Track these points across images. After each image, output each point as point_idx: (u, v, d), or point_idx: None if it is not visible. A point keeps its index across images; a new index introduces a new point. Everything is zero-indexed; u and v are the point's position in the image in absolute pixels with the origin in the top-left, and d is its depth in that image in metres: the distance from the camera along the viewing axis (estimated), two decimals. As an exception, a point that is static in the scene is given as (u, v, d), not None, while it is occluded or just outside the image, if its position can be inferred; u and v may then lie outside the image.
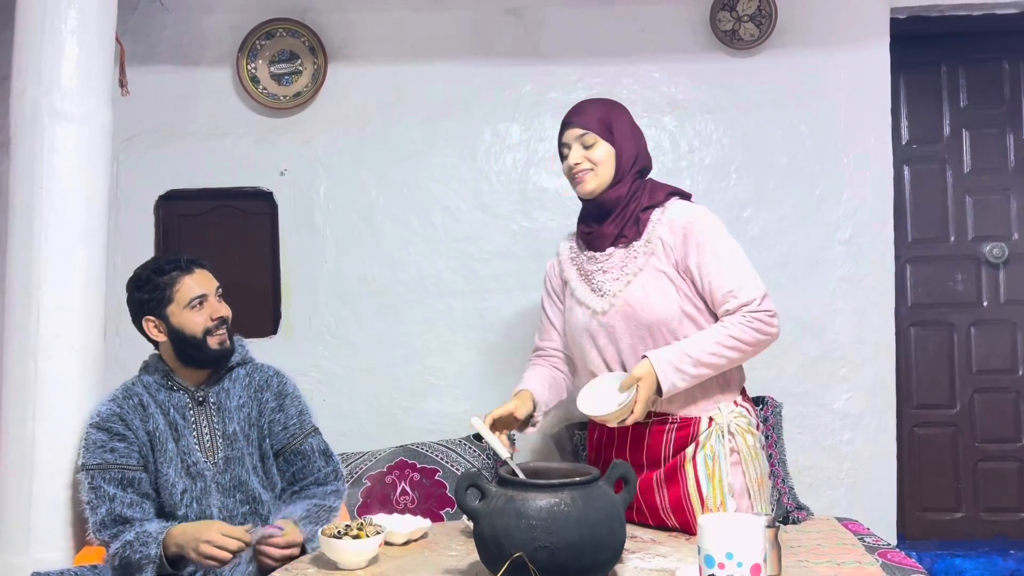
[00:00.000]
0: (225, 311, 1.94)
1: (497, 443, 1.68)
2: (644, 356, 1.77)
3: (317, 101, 2.94)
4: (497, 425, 1.81)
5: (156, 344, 1.98)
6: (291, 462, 2.00)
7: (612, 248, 1.90)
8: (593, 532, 1.40)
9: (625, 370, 1.86)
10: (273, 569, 1.74)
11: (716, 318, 1.85)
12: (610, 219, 1.90)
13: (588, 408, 1.74)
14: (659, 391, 1.74)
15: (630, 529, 1.80)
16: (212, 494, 1.88)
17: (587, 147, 1.89)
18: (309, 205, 2.95)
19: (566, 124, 1.95)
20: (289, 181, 2.95)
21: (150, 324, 1.93)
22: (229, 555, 1.67)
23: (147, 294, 1.91)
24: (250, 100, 2.93)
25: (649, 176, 1.98)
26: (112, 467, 1.84)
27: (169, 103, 2.94)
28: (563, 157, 1.96)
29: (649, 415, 1.81)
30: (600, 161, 1.89)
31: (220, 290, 1.98)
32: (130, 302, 1.95)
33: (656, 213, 1.89)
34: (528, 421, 1.91)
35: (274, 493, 1.98)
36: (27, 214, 1.98)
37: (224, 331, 1.93)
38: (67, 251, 1.99)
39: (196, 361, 1.93)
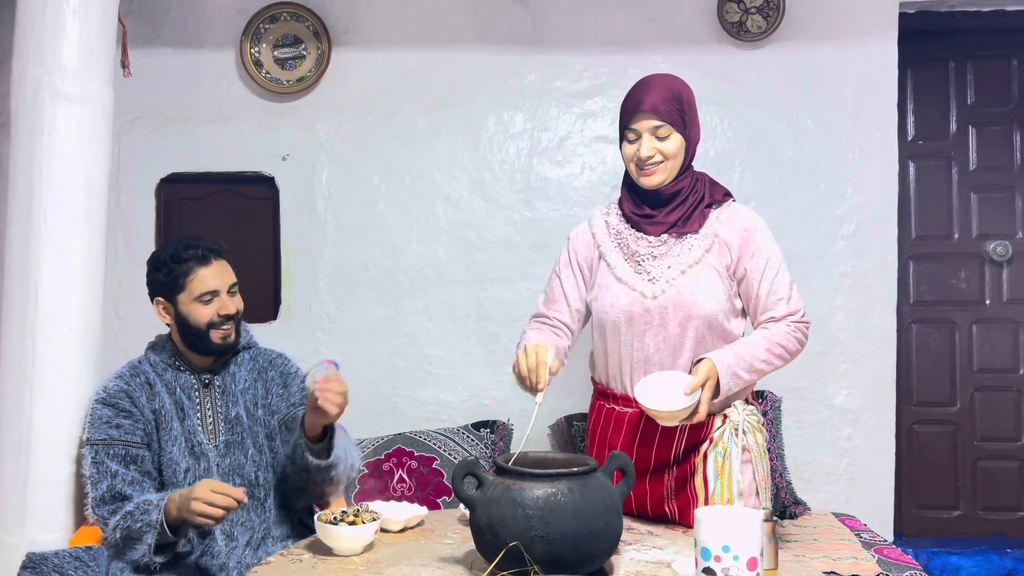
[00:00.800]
0: (234, 308, 1.92)
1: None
2: (702, 359, 1.72)
3: (320, 86, 2.92)
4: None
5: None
6: (291, 428, 1.97)
7: (665, 235, 1.85)
8: (590, 523, 1.39)
9: (644, 364, 1.83)
10: (338, 409, 1.77)
11: (741, 324, 1.86)
12: (672, 208, 1.83)
13: (651, 402, 1.67)
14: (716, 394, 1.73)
15: (628, 521, 1.79)
16: (214, 475, 1.88)
17: (661, 139, 1.79)
18: (311, 191, 2.94)
19: (638, 109, 1.79)
20: (291, 166, 2.94)
21: (159, 306, 1.94)
22: (221, 512, 1.65)
23: (162, 277, 1.91)
24: (253, 84, 2.92)
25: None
26: (116, 443, 1.84)
27: (172, 85, 2.93)
28: (627, 141, 1.83)
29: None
30: (672, 154, 1.80)
31: (236, 285, 1.95)
32: (148, 279, 1.96)
33: (714, 211, 1.86)
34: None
35: (276, 473, 1.97)
36: (26, 195, 1.96)
37: (230, 326, 1.92)
38: (66, 232, 1.98)
39: (198, 349, 1.93)
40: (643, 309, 1.81)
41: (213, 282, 1.89)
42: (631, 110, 1.82)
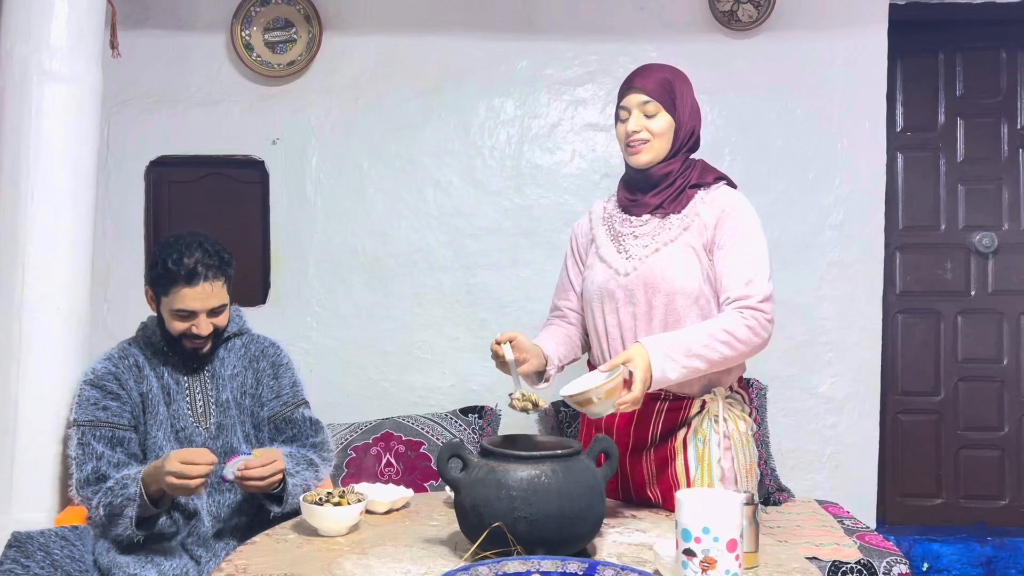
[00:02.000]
0: (207, 330, 1.87)
1: (508, 350, 1.69)
2: (636, 342, 1.72)
3: (311, 70, 2.92)
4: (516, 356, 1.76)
5: None
6: (281, 430, 2.00)
7: (649, 216, 1.87)
8: (573, 505, 1.40)
9: (621, 340, 1.84)
10: (274, 487, 1.78)
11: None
12: (656, 191, 1.86)
13: (570, 389, 1.64)
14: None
15: (611, 504, 1.81)
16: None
17: (649, 116, 1.82)
18: (300, 175, 2.93)
19: (629, 87, 1.85)
20: (281, 150, 2.93)
21: (147, 295, 1.93)
22: (198, 480, 1.66)
23: (156, 272, 1.87)
24: (243, 67, 2.91)
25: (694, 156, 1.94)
26: (103, 425, 1.84)
27: (162, 67, 2.92)
28: (619, 119, 1.87)
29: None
30: (659, 133, 1.82)
31: (223, 307, 1.90)
32: (147, 263, 1.94)
33: (701, 192, 1.86)
34: (541, 376, 1.87)
35: None
36: (13, 174, 1.96)
37: (201, 342, 1.90)
38: (54, 213, 1.98)
39: (170, 348, 1.93)
40: (616, 285, 1.84)
41: (192, 303, 1.84)
42: (624, 89, 1.88)
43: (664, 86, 1.83)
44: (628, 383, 1.62)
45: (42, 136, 1.96)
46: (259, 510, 1.91)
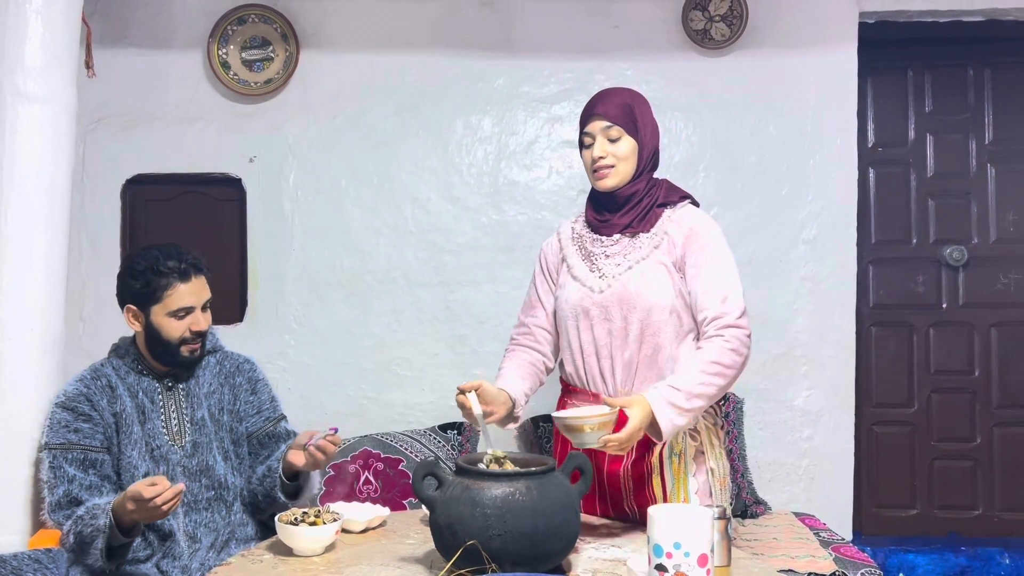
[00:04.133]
0: (205, 324, 1.92)
1: (475, 402, 1.69)
2: (639, 394, 1.73)
3: (288, 88, 2.93)
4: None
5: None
6: (264, 445, 2.00)
7: (619, 236, 1.90)
8: (547, 522, 1.41)
9: (596, 356, 1.86)
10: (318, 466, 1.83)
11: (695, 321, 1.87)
12: (624, 211, 1.89)
13: (565, 413, 1.67)
14: (658, 434, 1.70)
15: (587, 519, 1.82)
16: (177, 478, 1.88)
17: (612, 141, 1.86)
18: (278, 193, 2.94)
19: (591, 114, 1.88)
20: (258, 168, 2.94)
21: (130, 313, 1.91)
22: (168, 504, 1.64)
23: (138, 286, 1.87)
24: (220, 86, 2.91)
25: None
26: (75, 447, 1.83)
27: (138, 86, 2.92)
28: (583, 146, 1.91)
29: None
30: (624, 157, 1.86)
31: (210, 302, 1.95)
32: (120, 284, 1.91)
33: (668, 211, 1.90)
34: (509, 416, 1.88)
35: (244, 477, 1.98)
36: (-13, 194, 1.95)
37: (199, 343, 1.93)
38: (28, 233, 1.98)
39: (163, 360, 1.93)
40: (591, 303, 1.87)
41: (190, 299, 1.88)
42: (585, 115, 1.92)
43: (625, 110, 1.87)
44: (620, 425, 1.64)
45: (16, 156, 1.96)
46: (233, 531, 1.90)
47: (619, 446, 1.63)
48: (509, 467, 1.53)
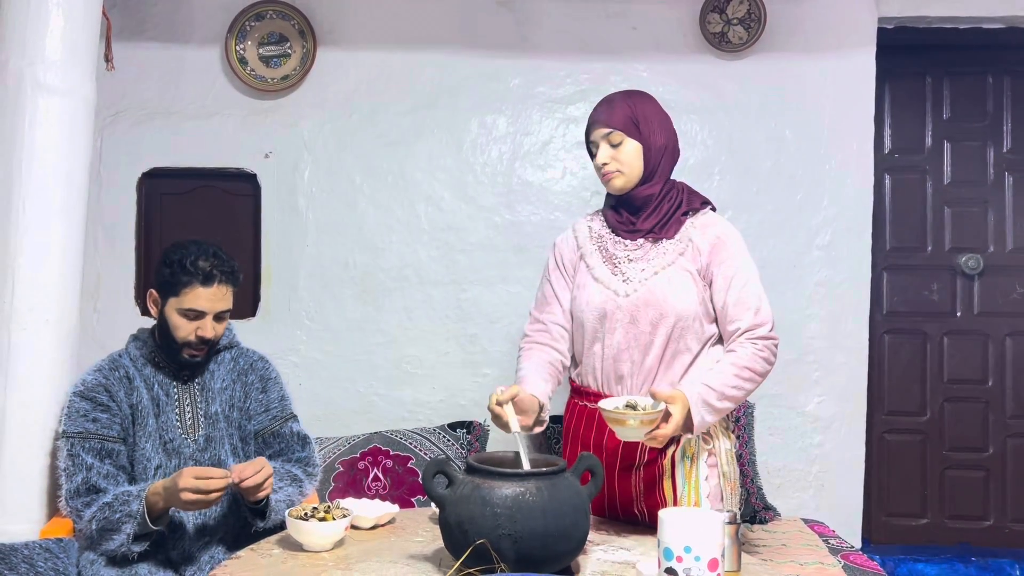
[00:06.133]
0: (213, 334, 1.92)
1: (512, 417, 1.65)
2: (677, 388, 1.75)
3: (304, 85, 2.93)
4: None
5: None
6: (269, 444, 2.01)
7: (642, 240, 1.90)
8: (557, 522, 1.41)
9: (615, 361, 1.86)
10: (259, 501, 1.79)
11: (718, 328, 1.87)
12: (647, 215, 1.90)
13: (612, 404, 1.67)
14: (689, 429, 1.73)
15: (596, 521, 1.82)
16: (189, 470, 1.89)
17: (614, 145, 1.88)
18: (292, 189, 2.95)
19: (593, 122, 1.92)
20: (273, 164, 2.95)
21: (151, 297, 1.94)
22: (215, 495, 1.68)
23: (166, 273, 1.90)
24: (237, 81, 2.92)
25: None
26: (92, 436, 1.84)
27: (156, 80, 2.93)
28: (591, 154, 1.95)
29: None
30: (628, 160, 1.87)
31: (227, 313, 1.94)
32: (157, 266, 1.94)
33: (691, 218, 1.91)
34: (536, 421, 1.87)
35: None
36: (6, 186, 1.97)
37: (202, 350, 1.93)
38: (45, 224, 1.99)
39: (165, 354, 1.94)
40: (616, 307, 1.86)
41: (204, 303, 1.88)
42: (588, 125, 1.94)
43: (624, 114, 1.88)
44: (664, 420, 1.67)
45: (35, 148, 1.98)
46: (244, 524, 1.91)
47: (661, 441, 1.68)
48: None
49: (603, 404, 1.68)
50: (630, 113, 1.89)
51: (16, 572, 1.74)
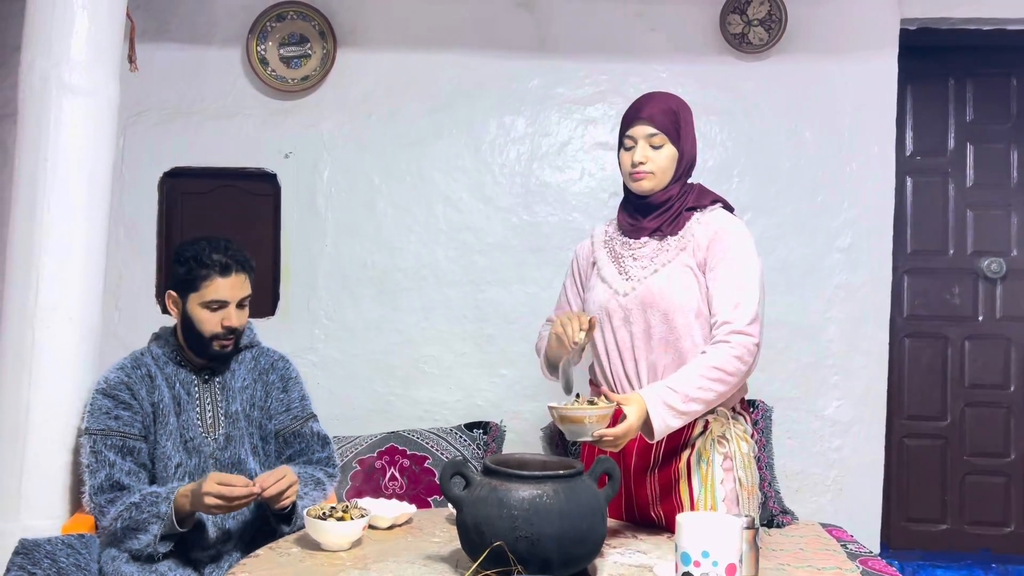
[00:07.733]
0: (238, 321, 1.93)
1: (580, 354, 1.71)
2: (636, 392, 1.74)
3: (325, 85, 2.95)
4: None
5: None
6: (289, 443, 2.02)
7: (647, 238, 1.90)
8: (574, 525, 1.41)
9: (620, 357, 1.87)
10: (284, 509, 1.79)
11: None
12: (654, 215, 1.90)
13: (562, 403, 1.64)
14: (650, 433, 1.70)
15: (613, 524, 1.82)
16: (208, 470, 1.90)
17: (655, 148, 1.85)
18: (312, 189, 2.96)
19: (636, 118, 1.87)
20: (293, 164, 2.97)
21: (171, 299, 1.95)
22: (238, 502, 1.69)
23: (182, 272, 1.92)
24: (258, 81, 2.94)
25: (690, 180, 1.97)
26: (114, 434, 1.86)
27: (177, 81, 2.96)
28: (624, 147, 1.90)
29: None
30: (663, 165, 1.86)
31: (248, 299, 1.96)
32: (170, 269, 1.98)
33: (697, 214, 1.89)
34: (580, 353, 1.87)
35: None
36: (31, 185, 1.99)
37: (231, 339, 1.94)
38: (69, 223, 2.01)
39: (194, 350, 1.95)
40: (616, 305, 1.87)
41: (225, 292, 1.90)
42: (630, 118, 1.91)
43: (671, 118, 1.87)
44: (616, 421, 1.65)
45: (59, 148, 1.99)
46: (263, 523, 1.92)
47: (613, 442, 1.63)
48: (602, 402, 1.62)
49: (554, 404, 1.64)
50: (675, 119, 1.87)
51: (39, 567, 1.76)
